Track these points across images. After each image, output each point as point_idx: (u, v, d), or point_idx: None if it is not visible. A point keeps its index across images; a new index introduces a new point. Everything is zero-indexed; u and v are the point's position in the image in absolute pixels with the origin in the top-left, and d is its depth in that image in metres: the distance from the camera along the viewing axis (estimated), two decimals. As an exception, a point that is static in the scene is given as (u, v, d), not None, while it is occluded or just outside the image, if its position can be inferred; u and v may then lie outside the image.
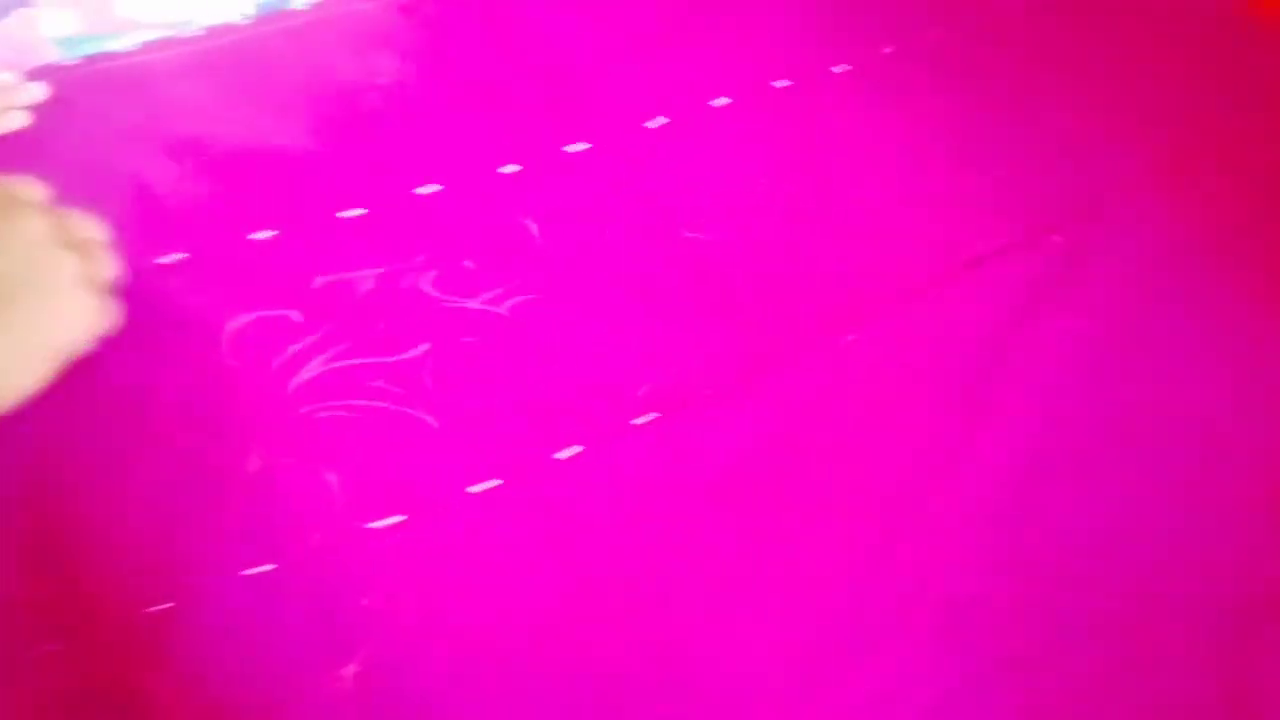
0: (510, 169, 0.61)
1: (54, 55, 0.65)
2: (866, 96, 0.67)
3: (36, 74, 0.59)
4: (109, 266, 0.45)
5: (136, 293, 0.51)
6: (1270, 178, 0.62)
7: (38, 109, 0.56)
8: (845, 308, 0.54)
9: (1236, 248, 0.58)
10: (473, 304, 0.53)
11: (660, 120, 0.65)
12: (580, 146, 0.62)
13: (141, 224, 0.54)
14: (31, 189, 0.45)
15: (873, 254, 0.57)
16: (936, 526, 0.45)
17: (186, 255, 0.54)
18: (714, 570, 0.43)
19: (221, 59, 0.66)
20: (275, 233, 0.56)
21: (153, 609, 0.40)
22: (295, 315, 0.51)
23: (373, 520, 0.43)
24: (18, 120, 0.55)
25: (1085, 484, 0.47)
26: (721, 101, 0.66)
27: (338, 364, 0.49)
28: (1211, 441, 0.49)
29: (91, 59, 0.62)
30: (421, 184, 0.59)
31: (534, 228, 0.57)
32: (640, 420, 0.49)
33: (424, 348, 0.51)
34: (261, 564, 0.41)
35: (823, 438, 0.48)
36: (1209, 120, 0.65)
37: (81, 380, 0.43)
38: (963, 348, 0.53)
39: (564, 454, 0.47)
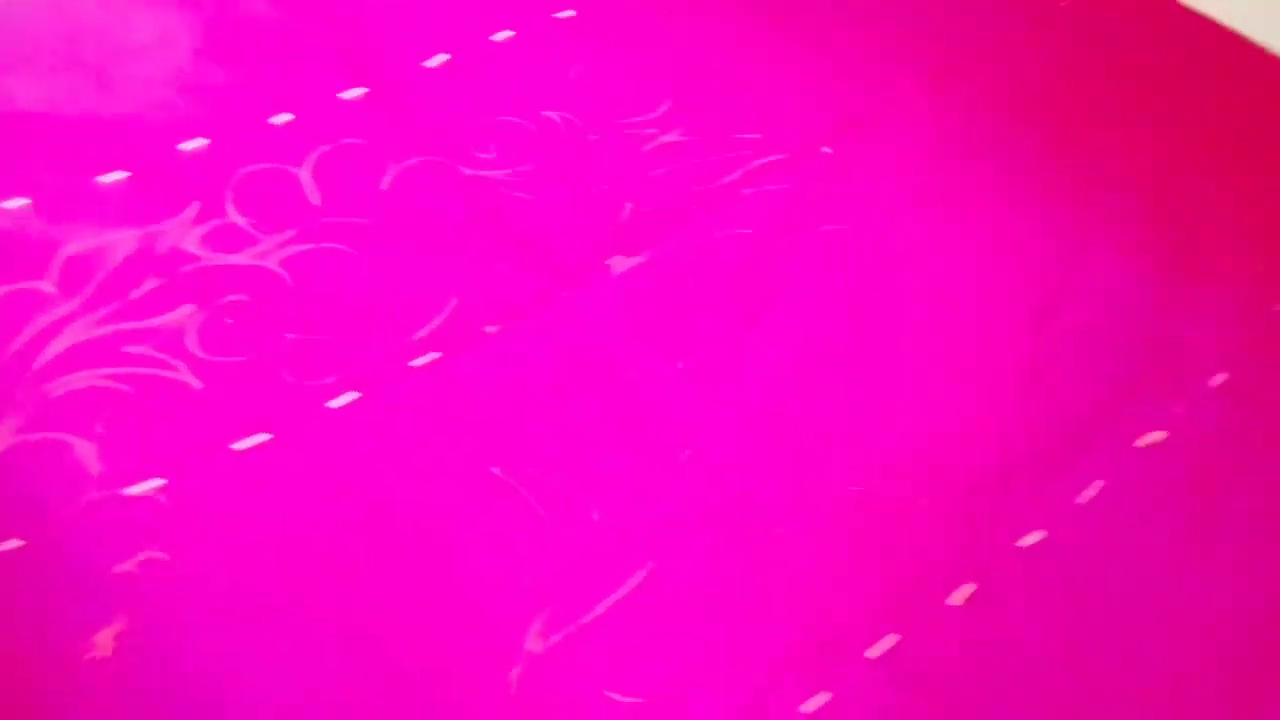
0: (282, 119, 0.59)
1: None
2: (651, 24, 0.67)
3: None
4: None
5: None
6: (1026, 86, 0.65)
7: None
8: (622, 234, 0.55)
9: (991, 151, 0.61)
10: (241, 259, 0.52)
11: (441, 58, 0.64)
12: (357, 92, 0.61)
13: None
14: None
15: (647, 179, 0.58)
16: (712, 432, 0.47)
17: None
18: (497, 503, 0.44)
19: (-40, 22, 0.61)
20: (26, 201, 0.53)
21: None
22: (46, 286, 0.49)
23: (129, 486, 0.42)
24: None
25: (846, 376, 0.50)
26: (504, 35, 0.66)
27: (94, 333, 0.47)
28: (960, 322, 0.52)
29: None
30: (186, 140, 0.57)
31: (307, 177, 0.56)
32: (419, 362, 0.49)
33: (188, 309, 0.49)
34: (8, 540, 0.39)
35: (602, 361, 0.49)
36: (977, 37, 0.68)
37: None
38: (734, 262, 0.54)
39: (337, 402, 0.46)
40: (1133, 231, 0.57)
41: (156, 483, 0.42)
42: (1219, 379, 0.50)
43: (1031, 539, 0.44)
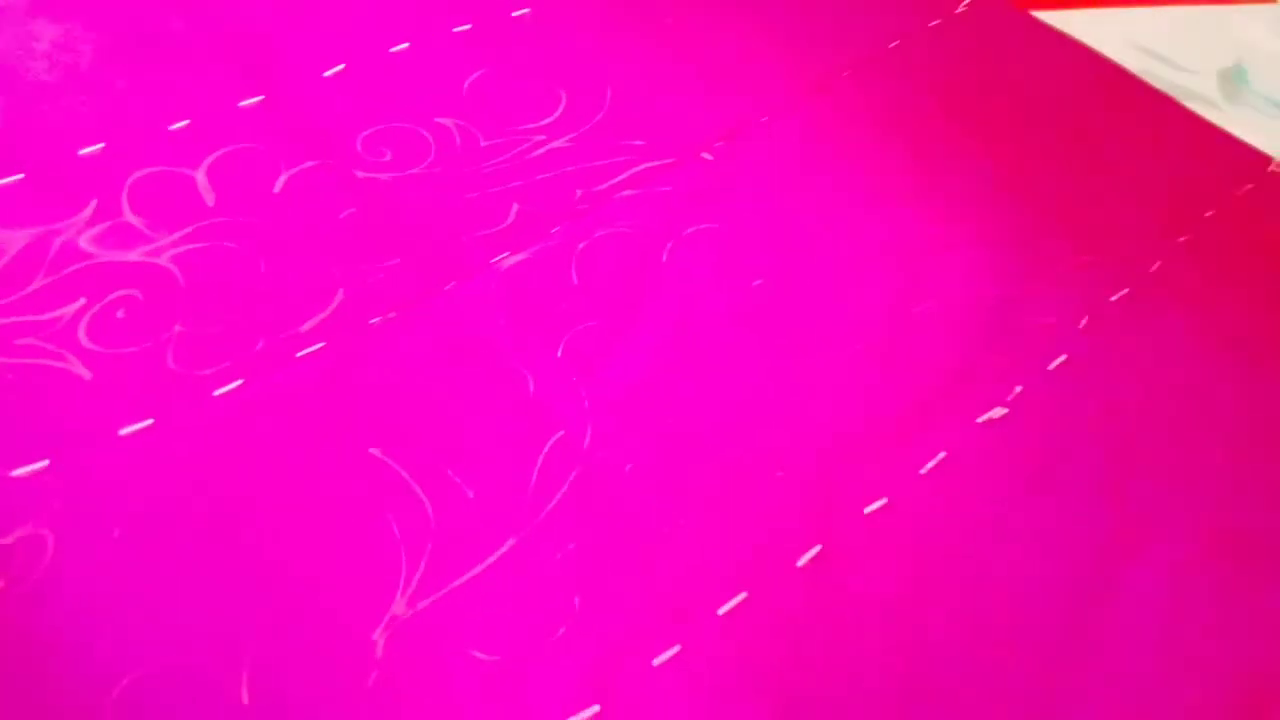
0: (179, 125, 0.61)
1: None
2: (542, 38, 0.71)
3: None
4: None
5: None
6: (897, 97, 0.70)
7: None
8: (509, 233, 0.58)
9: (862, 157, 0.65)
10: (132, 256, 0.53)
11: (338, 68, 0.66)
12: (254, 100, 0.63)
13: None
14: None
15: (535, 182, 0.61)
16: (586, 414, 0.50)
17: None
18: (374, 482, 0.46)
19: None
20: (-81, 203, 0.54)
21: None
22: (-65, 282, 0.50)
23: (15, 468, 0.43)
24: None
25: (713, 360, 0.53)
26: (402, 47, 0.69)
27: (-18, 326, 0.49)
28: (823, 311, 0.56)
29: None
30: (85, 145, 0.59)
31: (202, 180, 0.58)
32: (304, 352, 0.51)
33: (79, 303, 0.51)
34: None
35: (484, 349, 0.52)
36: (853, 51, 0.73)
37: None
38: (615, 257, 0.57)
39: (223, 390, 0.48)
40: (988, 231, 0.61)
41: (40, 464, 0.44)
42: (1057, 361, 0.55)
43: (875, 505, 0.48)
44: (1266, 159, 0.69)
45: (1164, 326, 0.58)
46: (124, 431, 0.46)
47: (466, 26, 0.70)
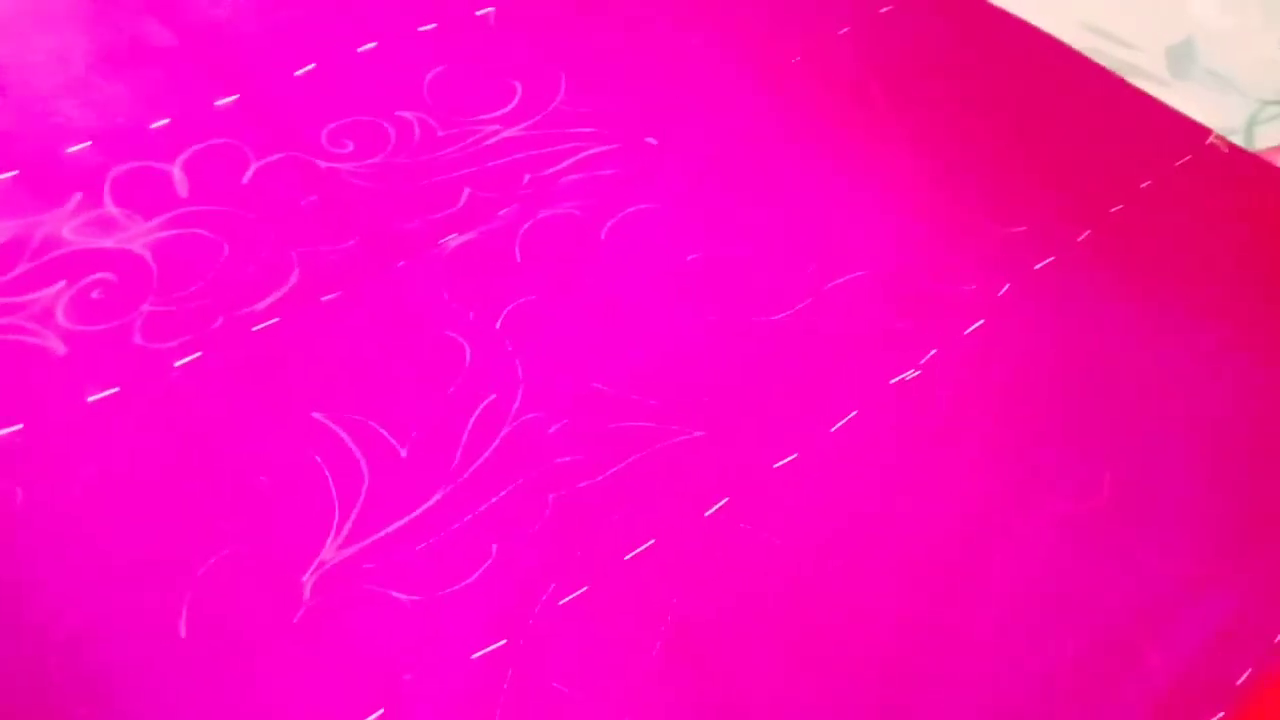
0: (160, 124, 0.66)
1: None
2: (503, 34, 0.74)
3: None
4: None
5: None
6: (839, 77, 0.72)
7: None
8: (459, 216, 0.62)
9: (800, 135, 0.68)
10: (109, 243, 0.58)
11: (309, 67, 0.71)
12: (230, 99, 0.68)
13: None
14: None
15: (487, 169, 0.65)
16: (518, 380, 0.53)
17: None
18: (314, 443, 0.50)
19: None
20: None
21: None
22: (-73, 267, 0.55)
23: (-10, 431, 0.48)
24: None
25: (641, 331, 0.56)
26: (369, 47, 0.73)
27: (-31, 306, 0.54)
28: (751, 284, 0.58)
29: None
30: (72, 144, 0.64)
31: (178, 173, 0.63)
32: (259, 327, 0.55)
33: (59, 285, 0.56)
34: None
35: (427, 322, 0.56)
36: (803, 34, 0.75)
37: None
38: (556, 236, 0.61)
39: (182, 361, 0.53)
40: (920, 204, 0.64)
41: (15, 428, 0.49)
42: (974, 326, 0.57)
43: (785, 461, 0.50)
44: (1206, 131, 0.70)
45: (1085, 293, 0.59)
46: (92, 399, 0.50)
47: (432, 26, 0.74)
